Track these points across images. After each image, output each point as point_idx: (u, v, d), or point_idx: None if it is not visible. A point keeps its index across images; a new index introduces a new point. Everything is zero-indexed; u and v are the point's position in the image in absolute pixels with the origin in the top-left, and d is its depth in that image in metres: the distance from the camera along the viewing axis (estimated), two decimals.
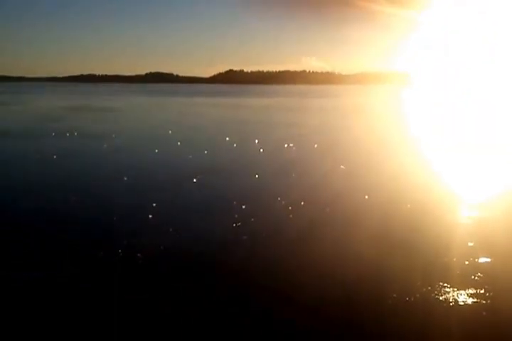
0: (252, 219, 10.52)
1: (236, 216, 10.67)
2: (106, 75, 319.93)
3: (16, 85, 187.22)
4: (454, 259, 8.43)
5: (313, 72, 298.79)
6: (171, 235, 9.51)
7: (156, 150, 20.74)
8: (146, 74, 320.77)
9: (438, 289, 7.21)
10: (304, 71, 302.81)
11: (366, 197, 12.53)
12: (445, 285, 7.34)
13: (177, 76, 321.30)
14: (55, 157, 18.64)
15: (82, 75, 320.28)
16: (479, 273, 7.77)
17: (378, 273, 7.83)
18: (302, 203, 11.83)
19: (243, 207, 11.46)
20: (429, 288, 7.23)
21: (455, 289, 7.22)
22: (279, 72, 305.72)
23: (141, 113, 47.67)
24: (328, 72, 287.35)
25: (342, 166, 17.04)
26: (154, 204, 11.50)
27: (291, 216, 10.85)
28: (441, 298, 6.96)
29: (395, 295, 6.99)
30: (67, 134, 26.11)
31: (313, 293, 7.09)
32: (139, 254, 8.39)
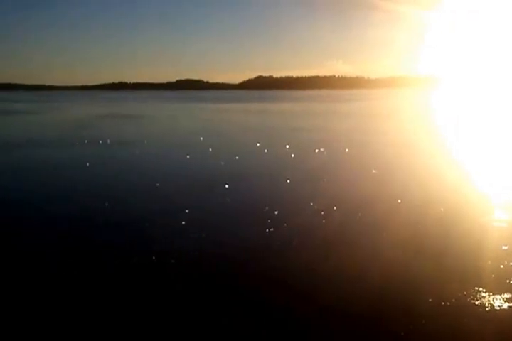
0: (285, 225, 10.55)
1: (268, 221, 10.71)
2: (137, 83, 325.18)
3: (47, 94, 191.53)
4: (489, 263, 8.30)
5: (342, 76, 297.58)
6: (204, 241, 9.60)
7: (188, 156, 20.97)
8: (177, 81, 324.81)
9: (473, 294, 7.12)
10: (333, 76, 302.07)
11: (399, 201, 12.42)
12: (480, 289, 7.24)
13: (207, 82, 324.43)
14: (88, 164, 19.05)
15: (113, 83, 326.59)
16: None
17: (413, 277, 7.76)
18: (334, 208, 11.80)
19: (275, 212, 11.49)
20: (465, 292, 7.15)
21: (490, 293, 7.11)
22: (308, 77, 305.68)
23: (172, 119, 48.20)
24: (357, 77, 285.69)
25: (374, 170, 16.93)
26: (187, 210, 11.64)
27: (323, 221, 10.84)
28: (476, 303, 6.86)
29: (430, 300, 6.92)
30: (100, 141, 26.64)
31: (347, 298, 7.08)
32: (172, 260, 8.51)
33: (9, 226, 10.87)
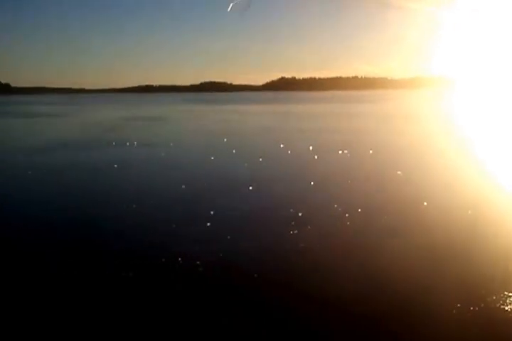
0: (309, 227, 10.52)
1: (293, 223, 10.70)
2: (162, 86, 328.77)
3: (76, 97, 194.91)
4: None
5: (365, 77, 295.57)
6: (229, 243, 9.63)
7: (212, 158, 21.07)
8: (200, 83, 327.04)
9: (503, 298, 7.00)
10: (356, 77, 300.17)
11: (425, 203, 12.29)
12: (509, 294, 7.12)
13: (230, 84, 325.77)
14: (115, 166, 19.31)
15: (139, 86, 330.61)
16: None
17: (440, 281, 7.66)
18: (359, 210, 11.73)
19: (299, 214, 11.47)
20: (494, 297, 7.03)
21: None
22: (331, 78, 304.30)
23: (197, 121, 48.48)
24: (380, 78, 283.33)
25: (399, 172, 16.78)
26: (212, 212, 11.70)
27: (348, 223, 10.78)
28: (506, 308, 6.75)
29: (459, 305, 6.83)
30: (127, 143, 27.02)
31: (372, 302, 7.03)
32: (197, 262, 8.55)
33: (43, 222, 11.18)
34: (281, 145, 24.71)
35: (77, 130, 39.36)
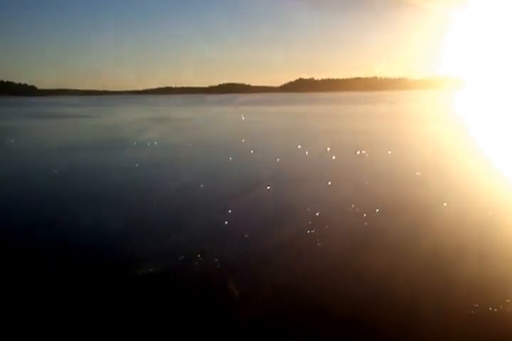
0: (326, 227, 10.51)
1: (310, 223, 10.70)
2: (182, 87, 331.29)
3: (100, 99, 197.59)
4: None
5: (384, 78, 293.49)
6: (247, 241, 9.68)
7: (230, 158, 21.15)
8: (219, 85, 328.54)
9: None
10: (375, 77, 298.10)
11: (445, 204, 12.19)
12: None
13: (248, 86, 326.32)
14: (137, 165, 19.60)
15: (159, 88, 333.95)
16: None
17: (458, 282, 7.61)
18: (377, 211, 11.68)
19: (316, 214, 11.47)
20: None
21: None
22: (350, 79, 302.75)
23: (215, 122, 48.75)
24: (399, 78, 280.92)
25: (418, 173, 16.66)
26: (229, 211, 11.76)
27: (365, 223, 10.74)
28: None
29: (476, 305, 6.77)
30: (148, 144, 27.32)
31: (387, 302, 7.03)
32: (216, 259, 8.61)
33: (67, 219, 11.36)
34: (299, 146, 24.70)
35: (100, 131, 40.10)
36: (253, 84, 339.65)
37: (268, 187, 14.54)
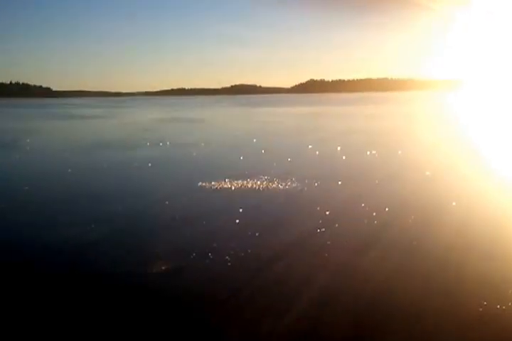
0: (336, 225, 10.60)
1: (320, 221, 10.80)
2: (194, 88, 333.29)
3: (114, 100, 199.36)
4: None
5: (394, 79, 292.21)
6: (257, 239, 9.79)
7: (241, 158, 21.29)
8: (231, 86, 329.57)
9: None
10: (385, 78, 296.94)
11: (454, 203, 12.23)
12: None
13: (260, 87, 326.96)
14: (149, 164, 19.88)
15: (172, 89, 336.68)
16: None
17: (466, 280, 7.66)
18: (386, 209, 11.75)
19: (327, 212, 11.57)
20: None
21: None
22: (360, 80, 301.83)
23: (227, 123, 48.95)
24: (410, 79, 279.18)
25: (427, 172, 16.69)
26: (241, 210, 11.89)
27: (375, 222, 10.82)
28: None
29: (485, 303, 6.83)
30: (161, 144, 27.63)
31: (399, 299, 7.11)
32: (227, 257, 8.73)
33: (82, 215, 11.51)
34: (310, 146, 24.77)
35: (115, 131, 40.82)
36: (264, 85, 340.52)
37: (280, 186, 14.67)
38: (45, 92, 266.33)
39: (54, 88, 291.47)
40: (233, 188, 14.85)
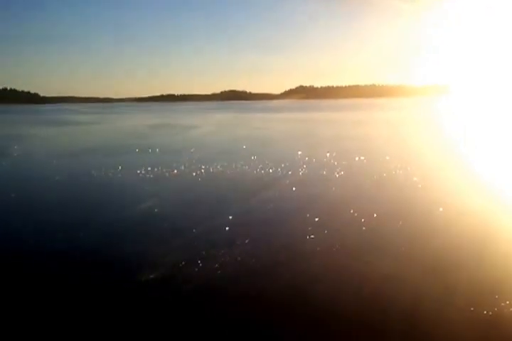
0: (326, 232, 10.65)
1: (309, 228, 10.84)
2: (184, 95, 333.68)
3: (104, 106, 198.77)
4: None
5: (382, 85, 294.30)
6: (247, 246, 9.80)
7: (234, 166, 21.24)
8: (221, 92, 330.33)
9: None
10: (374, 85, 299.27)
11: (441, 209, 12.34)
12: None
13: (250, 93, 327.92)
14: (138, 172, 19.72)
15: (162, 95, 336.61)
16: None
17: (454, 286, 7.74)
18: (375, 215, 11.83)
19: (316, 219, 11.62)
20: (508, 302, 7.09)
21: None
22: (349, 86, 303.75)
23: (217, 129, 48.85)
24: (399, 85, 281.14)
25: (415, 178, 16.82)
26: (230, 217, 11.91)
27: (363, 228, 10.89)
28: None
29: (472, 309, 6.91)
30: (150, 150, 27.49)
31: (388, 304, 7.17)
32: (216, 265, 8.74)
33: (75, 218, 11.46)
34: (299, 152, 24.85)
35: (104, 137, 40.76)
36: (254, 91, 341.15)
37: (269, 193, 14.69)
38: (33, 98, 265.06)
39: (42, 94, 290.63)
40: (222, 195, 14.86)
